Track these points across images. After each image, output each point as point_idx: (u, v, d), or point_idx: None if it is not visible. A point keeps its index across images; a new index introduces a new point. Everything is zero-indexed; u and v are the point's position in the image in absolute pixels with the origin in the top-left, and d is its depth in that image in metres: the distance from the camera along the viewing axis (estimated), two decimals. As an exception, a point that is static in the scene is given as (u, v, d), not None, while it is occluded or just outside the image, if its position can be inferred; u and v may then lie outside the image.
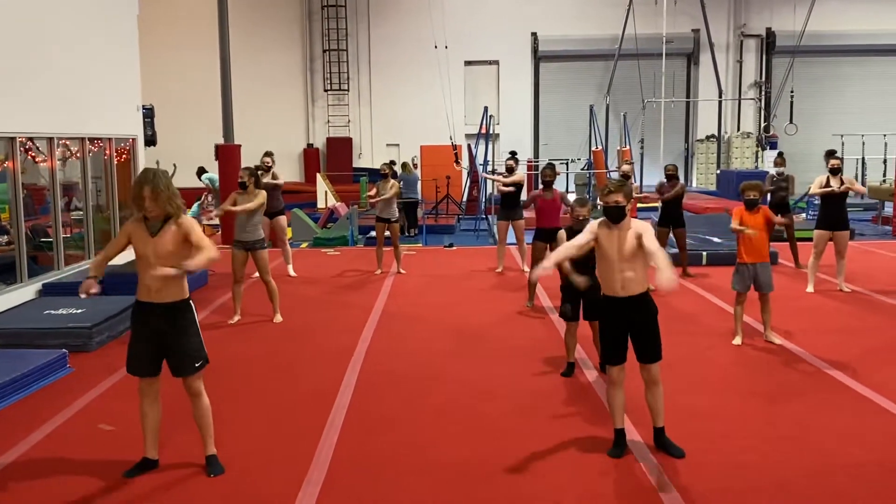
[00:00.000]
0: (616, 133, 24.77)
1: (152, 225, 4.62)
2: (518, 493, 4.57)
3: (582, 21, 26.22)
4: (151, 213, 4.58)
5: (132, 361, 4.73)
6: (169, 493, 4.59)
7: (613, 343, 5.04)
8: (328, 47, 26.48)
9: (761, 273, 7.60)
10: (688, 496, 4.47)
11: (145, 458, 4.87)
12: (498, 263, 12.21)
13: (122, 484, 4.69)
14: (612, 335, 5.03)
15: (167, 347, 4.69)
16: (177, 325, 4.67)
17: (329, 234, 15.84)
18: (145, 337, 4.68)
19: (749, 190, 7.67)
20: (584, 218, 6.46)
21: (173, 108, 21.93)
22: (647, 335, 5.00)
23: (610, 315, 5.03)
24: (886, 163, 21.82)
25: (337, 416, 5.85)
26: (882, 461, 4.92)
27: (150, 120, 13.83)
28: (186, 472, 4.84)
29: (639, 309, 4.97)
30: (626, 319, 4.98)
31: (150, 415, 4.81)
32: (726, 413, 5.86)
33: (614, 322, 5.01)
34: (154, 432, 4.85)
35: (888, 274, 11.49)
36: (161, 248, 4.58)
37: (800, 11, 23.74)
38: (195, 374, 4.75)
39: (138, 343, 4.70)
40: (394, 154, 25.38)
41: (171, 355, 4.71)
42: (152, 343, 4.68)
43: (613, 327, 5.02)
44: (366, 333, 8.38)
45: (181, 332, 4.68)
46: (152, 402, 4.80)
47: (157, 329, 4.64)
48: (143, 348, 4.69)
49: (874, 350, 7.49)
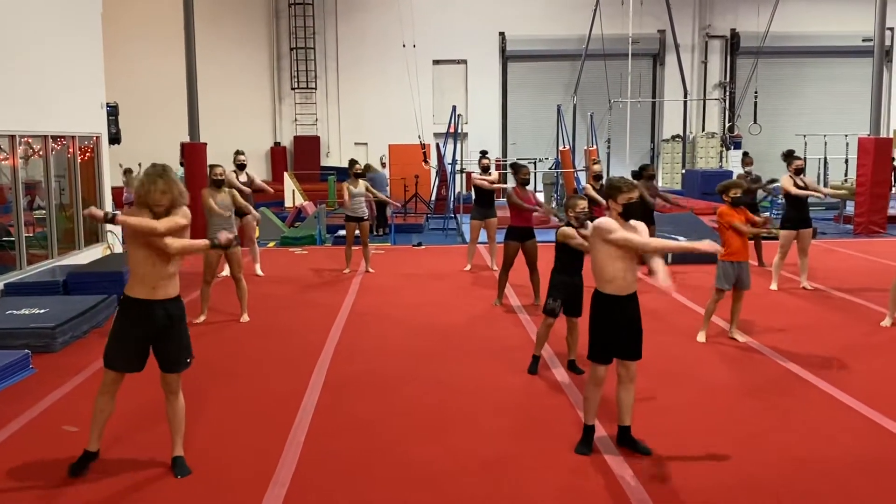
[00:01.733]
0: (583, 133, 24.91)
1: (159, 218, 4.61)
2: (488, 491, 4.58)
3: (549, 21, 26.33)
4: (162, 205, 4.58)
5: (118, 356, 4.68)
6: (135, 495, 4.54)
7: (609, 343, 5.00)
8: (295, 45, 26.34)
9: (744, 271, 7.71)
10: (656, 494, 4.52)
11: (87, 450, 4.82)
12: (467, 262, 12.24)
13: (86, 484, 4.63)
14: (610, 336, 4.99)
15: (164, 343, 4.67)
16: (175, 320, 4.68)
17: (297, 234, 15.76)
18: (138, 334, 4.64)
19: (734, 188, 7.77)
20: (583, 209, 6.48)
21: (138, 106, 21.64)
22: (637, 332, 5.04)
23: (615, 314, 4.98)
24: (848, 162, 22.16)
25: (304, 415, 5.82)
26: (848, 458, 5.00)
27: (114, 118, 13.67)
28: (152, 473, 4.79)
29: (636, 307, 5.03)
30: (628, 317, 5.00)
31: (106, 411, 4.76)
32: (692, 410, 5.93)
33: (616, 322, 4.98)
34: (102, 428, 4.80)
35: (850, 272, 11.68)
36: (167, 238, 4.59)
37: (763, 13, 24.04)
38: (183, 371, 4.77)
39: (126, 339, 4.65)
40: (361, 152, 25.32)
41: (168, 351, 4.69)
42: (144, 340, 4.66)
43: (613, 328, 4.98)
44: (334, 333, 8.36)
45: (179, 326, 4.71)
46: (110, 398, 4.75)
47: (154, 326, 4.62)
48: (130, 344, 4.65)
49: (837, 347, 7.62)
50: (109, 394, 4.74)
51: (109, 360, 4.71)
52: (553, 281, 6.82)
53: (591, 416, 5.16)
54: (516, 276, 9.91)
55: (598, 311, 5.02)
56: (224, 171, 9.18)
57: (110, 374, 4.72)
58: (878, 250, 13.53)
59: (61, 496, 4.52)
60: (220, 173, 9.07)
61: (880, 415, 5.73)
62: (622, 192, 4.94)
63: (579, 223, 6.43)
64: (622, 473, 4.78)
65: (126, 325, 4.68)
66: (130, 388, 4.99)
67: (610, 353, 5.04)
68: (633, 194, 4.94)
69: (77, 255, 11.87)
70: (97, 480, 4.69)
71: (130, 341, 4.66)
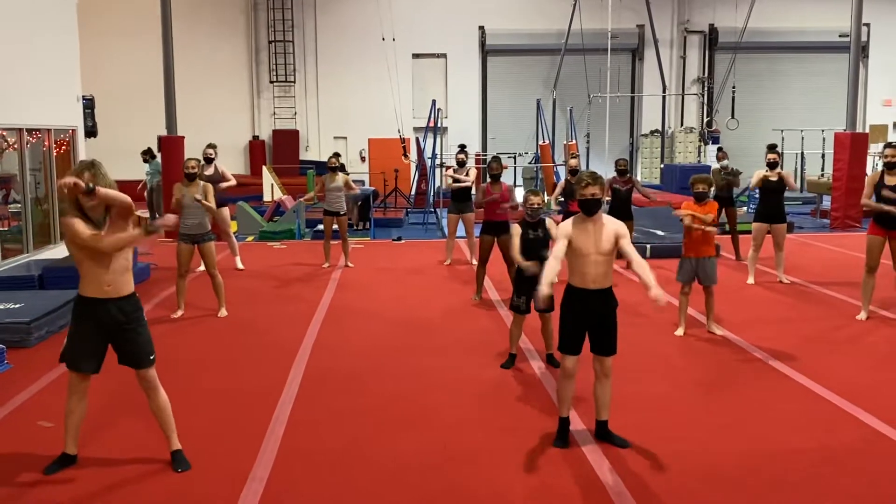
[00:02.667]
0: (562, 127, 24.96)
1: (97, 221, 4.50)
2: (466, 485, 4.59)
3: (529, 15, 26.33)
4: (93, 210, 4.46)
5: (77, 357, 4.62)
6: (111, 491, 4.51)
7: (574, 334, 5.05)
8: (274, 38, 26.17)
9: (704, 267, 7.75)
10: (633, 485, 4.54)
11: (65, 453, 4.78)
12: (446, 256, 12.24)
13: (63, 482, 4.59)
14: (575, 326, 5.04)
15: (122, 341, 4.62)
16: (131, 318, 4.61)
17: (275, 228, 15.69)
18: (95, 333, 4.58)
19: (699, 183, 7.82)
20: (538, 206, 6.51)
21: (115, 99, 21.48)
22: (607, 328, 5.05)
23: (576, 306, 5.03)
24: (825, 157, 22.32)
25: (282, 411, 5.80)
26: (818, 448, 5.06)
27: (90, 111, 13.55)
28: (130, 469, 4.77)
29: (605, 302, 5.02)
30: (592, 312, 5.01)
31: (77, 412, 4.72)
32: (666, 402, 5.97)
33: (580, 313, 5.02)
34: (77, 429, 4.77)
35: (826, 266, 11.79)
36: (111, 243, 4.47)
37: (741, 8, 24.13)
38: (152, 366, 4.70)
39: (85, 339, 4.59)
40: (341, 146, 25.22)
41: (128, 349, 4.64)
42: (102, 339, 4.60)
43: (577, 319, 5.03)
44: (312, 327, 8.33)
45: (136, 324, 4.63)
46: (80, 398, 4.70)
47: (111, 324, 4.56)
48: (90, 344, 4.59)
49: (812, 339, 7.70)
50: (78, 394, 4.69)
51: (70, 362, 4.65)
52: (515, 277, 6.89)
53: (566, 408, 5.18)
54: (496, 270, 9.93)
55: (564, 301, 5.12)
56: (197, 165, 9.11)
57: (75, 376, 4.66)
58: (853, 244, 13.65)
59: (35, 493, 4.48)
60: (193, 167, 8.99)
61: (852, 405, 5.81)
62: (579, 187, 4.98)
63: (532, 218, 6.56)
64: (599, 466, 4.80)
65: (82, 324, 4.61)
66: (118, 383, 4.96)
67: (571, 344, 5.06)
68: (588, 190, 4.93)
69: (53, 249, 11.77)
70: (72, 478, 4.66)
71: (87, 341, 4.60)
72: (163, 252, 12.31)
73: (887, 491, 4.51)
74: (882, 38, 27.03)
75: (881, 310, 8.73)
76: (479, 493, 4.48)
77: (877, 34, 26.88)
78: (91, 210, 4.49)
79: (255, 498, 4.43)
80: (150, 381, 4.73)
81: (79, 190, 4.32)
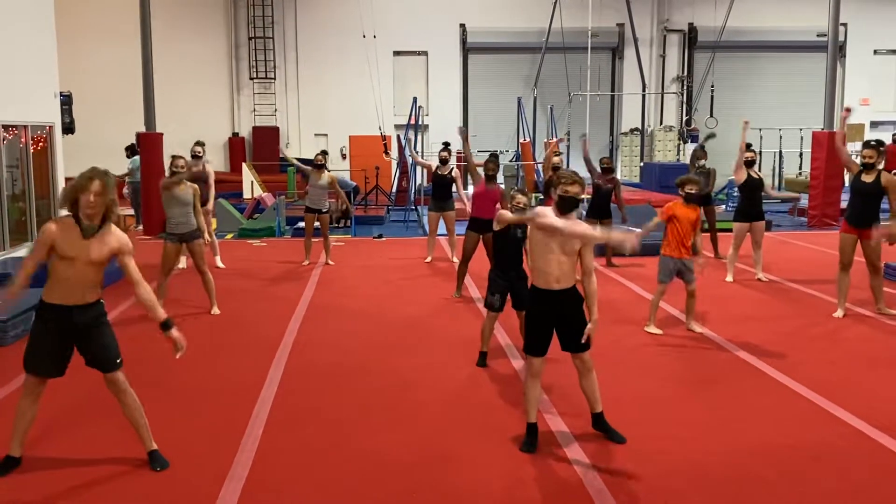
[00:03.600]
0: (543, 125, 25.01)
1: (87, 227, 4.44)
2: (446, 483, 4.59)
3: (510, 13, 26.37)
4: (92, 211, 4.38)
5: (38, 361, 4.56)
6: (87, 492, 4.47)
7: (541, 334, 5.07)
8: (254, 35, 26.05)
9: (685, 266, 7.80)
10: (609, 482, 4.56)
11: (9, 455, 4.71)
12: (427, 253, 12.25)
13: (36, 483, 4.55)
14: (541, 327, 5.06)
15: (87, 346, 4.56)
16: (97, 323, 4.56)
17: (255, 225, 15.62)
18: (56, 338, 4.52)
19: (689, 184, 7.87)
20: (524, 206, 6.50)
21: (93, 96, 21.31)
22: (576, 326, 5.05)
23: (543, 306, 5.05)
24: (802, 156, 22.52)
25: (262, 409, 5.78)
26: (796, 444, 5.11)
27: (68, 107, 13.44)
28: (106, 468, 4.73)
29: (569, 301, 5.03)
30: (557, 312, 5.03)
31: (29, 414, 4.65)
32: (644, 400, 5.99)
33: (546, 314, 5.04)
34: (25, 432, 4.70)
35: (804, 263, 11.89)
36: (94, 253, 4.43)
37: (720, 7, 24.31)
38: (118, 369, 4.65)
39: (45, 343, 4.53)
40: (322, 143, 25.16)
41: (93, 353, 4.59)
42: (64, 344, 4.55)
43: (544, 319, 5.04)
44: (292, 325, 8.31)
45: (100, 329, 4.58)
46: (33, 402, 4.64)
47: (73, 330, 4.50)
48: (50, 349, 4.53)
49: (789, 337, 7.76)
50: (32, 396, 4.63)
51: (28, 365, 4.59)
52: (490, 276, 6.91)
53: (532, 413, 5.15)
54: (478, 267, 9.94)
55: (530, 303, 5.15)
56: (185, 164, 9.02)
57: (31, 378, 4.61)
58: (831, 243, 13.72)
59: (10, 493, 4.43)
60: (182, 165, 8.89)
61: (829, 402, 5.86)
62: (559, 184, 4.98)
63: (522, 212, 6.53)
64: (580, 464, 4.82)
65: (42, 330, 4.55)
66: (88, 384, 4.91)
67: (537, 344, 5.07)
68: (571, 188, 4.92)
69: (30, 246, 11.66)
70: (47, 478, 4.62)
71: (47, 346, 4.54)
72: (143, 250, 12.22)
73: (866, 488, 4.55)
74: (859, 37, 27.30)
75: (857, 307, 8.82)
76: (460, 491, 4.49)
77: (854, 34, 27.14)
78: (88, 216, 4.40)
79: (234, 497, 4.41)
80: (118, 385, 4.68)
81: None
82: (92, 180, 4.35)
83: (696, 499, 4.40)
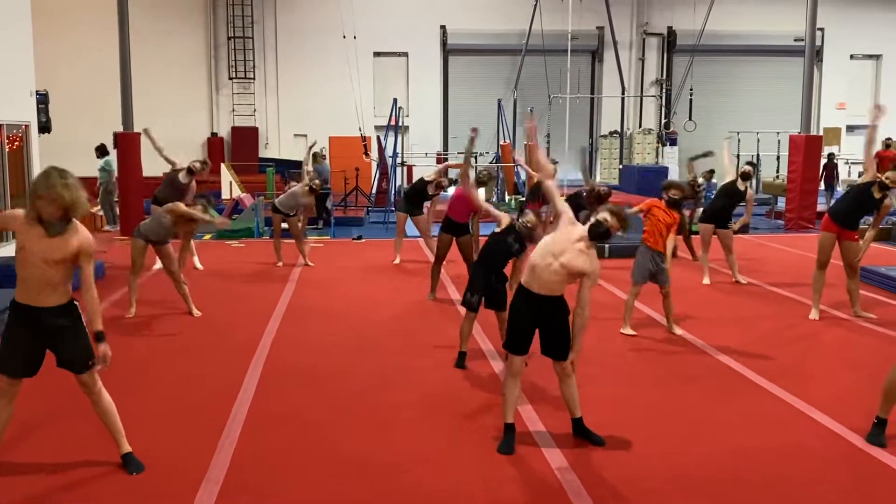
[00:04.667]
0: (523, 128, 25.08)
1: (50, 225, 4.35)
2: (424, 484, 4.58)
3: (490, 16, 26.41)
4: (47, 213, 4.29)
5: (8, 361, 4.49)
6: (62, 495, 4.42)
7: (521, 332, 5.06)
8: (233, 34, 25.91)
9: (659, 265, 7.81)
10: (587, 483, 4.57)
11: None
12: (395, 254, 12.20)
13: (10, 486, 4.49)
14: (522, 324, 5.06)
15: (58, 348, 4.50)
16: (70, 324, 4.49)
17: (234, 226, 15.52)
18: (28, 339, 4.45)
19: (673, 189, 7.94)
20: (532, 226, 6.48)
21: (70, 94, 21.09)
22: (557, 333, 5.05)
23: (524, 304, 5.05)
24: (780, 159, 22.70)
25: (239, 411, 5.74)
26: (775, 447, 5.14)
27: (44, 106, 13.30)
28: (81, 471, 4.68)
29: (552, 308, 5.02)
30: (538, 314, 5.03)
31: (3, 416, 4.58)
32: (623, 401, 6.01)
33: (527, 313, 5.04)
34: (1, 434, 4.63)
35: (781, 266, 11.99)
36: (56, 253, 4.34)
37: (699, 11, 24.47)
38: (91, 371, 4.59)
39: (18, 344, 4.46)
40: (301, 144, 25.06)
41: (64, 355, 4.52)
42: (37, 345, 4.48)
43: (525, 317, 5.04)
44: (271, 326, 8.26)
45: (72, 331, 4.49)
46: (8, 403, 4.56)
47: (45, 331, 4.44)
48: (22, 349, 4.46)
49: (767, 339, 7.81)
50: (5, 399, 4.55)
51: (1, 365, 4.53)
52: (471, 274, 6.92)
53: (510, 414, 5.15)
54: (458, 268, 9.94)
55: (514, 300, 5.15)
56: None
57: (4, 379, 4.54)
58: (807, 245, 13.87)
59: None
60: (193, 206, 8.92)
61: (806, 404, 5.91)
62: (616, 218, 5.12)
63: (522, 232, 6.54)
64: (559, 466, 4.82)
65: (14, 329, 4.48)
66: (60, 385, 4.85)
67: (517, 343, 5.07)
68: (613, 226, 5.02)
69: (5, 246, 11.54)
70: (20, 481, 4.56)
71: (20, 346, 4.47)
72: (117, 250, 12.14)
73: (841, 488, 4.59)
74: (836, 42, 27.58)
75: (833, 310, 8.90)
76: (439, 493, 4.48)
77: (831, 39, 27.41)
78: (45, 215, 4.32)
79: (211, 499, 4.37)
80: (90, 386, 4.61)
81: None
82: (42, 183, 4.27)
83: (675, 499, 4.42)
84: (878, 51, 28.25)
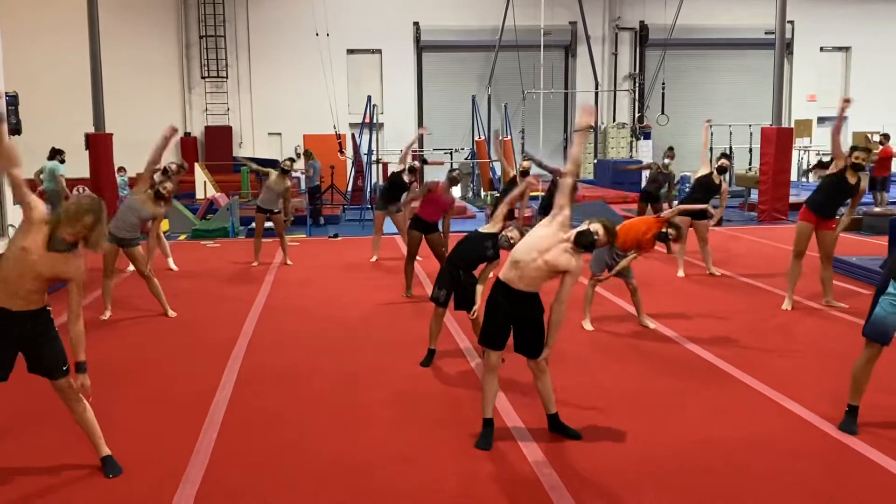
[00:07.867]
0: (498, 123, 25.13)
1: (57, 241, 4.31)
2: (400, 483, 4.59)
3: (463, 11, 26.45)
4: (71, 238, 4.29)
5: None
6: (39, 499, 4.39)
7: (497, 326, 5.07)
8: (205, 33, 25.78)
9: (617, 259, 7.80)
10: (565, 478, 4.60)
11: None
12: (373, 252, 12.21)
13: (-14, 491, 4.47)
14: (498, 318, 5.06)
15: (31, 353, 4.46)
16: (39, 331, 4.45)
17: (208, 226, 15.46)
18: (3, 341, 4.42)
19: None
20: (514, 244, 6.42)
21: (40, 96, 20.91)
22: (530, 331, 5.07)
23: (499, 297, 5.05)
24: (752, 152, 22.92)
25: (216, 411, 5.73)
26: (744, 435, 5.20)
27: (14, 108, 13.15)
28: (59, 475, 4.65)
29: (526, 304, 5.03)
30: (515, 311, 5.04)
31: None
32: (598, 395, 6.05)
33: (504, 309, 5.05)
34: None
35: (754, 258, 12.10)
36: (46, 268, 4.29)
37: (671, 5, 24.67)
38: (65, 377, 4.56)
39: None
40: (275, 143, 25.02)
41: (37, 360, 4.48)
42: (9, 349, 4.44)
43: (502, 313, 5.05)
44: (247, 327, 8.24)
45: (45, 337, 4.46)
46: None
47: (17, 336, 4.40)
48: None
49: (740, 330, 7.89)
50: None
51: None
52: (442, 270, 6.93)
53: (489, 409, 5.17)
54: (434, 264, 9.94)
55: (491, 294, 5.14)
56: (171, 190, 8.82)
57: None
58: (780, 236, 14.04)
59: (-42, 503, 4.35)
60: (170, 191, 8.77)
61: (778, 393, 5.98)
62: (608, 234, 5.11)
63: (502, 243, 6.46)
64: (535, 460, 4.85)
65: None
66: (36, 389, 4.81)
67: (493, 337, 5.09)
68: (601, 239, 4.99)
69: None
70: None
71: None
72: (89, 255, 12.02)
73: (815, 477, 4.66)
74: (806, 35, 27.89)
75: (806, 300, 9.00)
76: (415, 491, 4.49)
77: (801, 31, 27.72)
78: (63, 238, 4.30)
79: (189, 500, 4.36)
80: (65, 392, 4.57)
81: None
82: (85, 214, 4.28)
83: (647, 490, 4.46)
84: (847, 43, 28.60)
